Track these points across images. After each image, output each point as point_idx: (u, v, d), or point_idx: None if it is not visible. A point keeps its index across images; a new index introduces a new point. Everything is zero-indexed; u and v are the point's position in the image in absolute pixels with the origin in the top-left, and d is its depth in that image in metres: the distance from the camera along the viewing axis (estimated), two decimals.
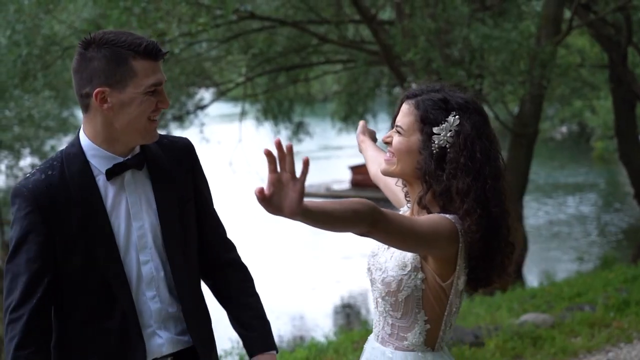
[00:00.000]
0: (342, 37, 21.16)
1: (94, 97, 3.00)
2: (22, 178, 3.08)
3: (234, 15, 16.59)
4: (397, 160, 3.02)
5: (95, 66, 2.99)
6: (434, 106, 3.00)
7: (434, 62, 15.80)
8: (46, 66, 16.77)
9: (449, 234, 2.87)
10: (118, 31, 3.06)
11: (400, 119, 3.04)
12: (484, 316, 10.25)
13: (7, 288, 2.95)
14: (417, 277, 2.95)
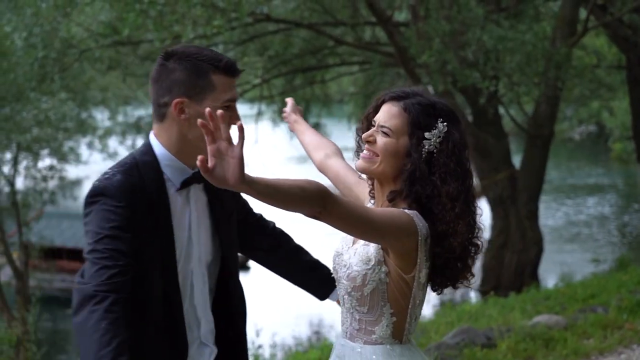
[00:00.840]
0: (359, 39, 21.20)
1: (173, 106, 3.09)
2: (102, 178, 3.11)
3: (250, 17, 16.65)
4: (381, 161, 3.08)
5: (177, 77, 3.09)
6: (424, 111, 3.08)
7: (449, 64, 15.81)
8: (63, 69, 16.90)
9: (407, 227, 2.95)
10: (200, 46, 3.20)
11: (387, 121, 3.09)
12: (496, 317, 10.27)
13: (92, 277, 2.93)
14: (381, 270, 3.03)
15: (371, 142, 3.10)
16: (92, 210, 3.03)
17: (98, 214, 3.01)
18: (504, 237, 20.22)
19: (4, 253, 22.00)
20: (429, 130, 3.07)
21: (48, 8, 16.08)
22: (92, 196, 3.06)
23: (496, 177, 19.62)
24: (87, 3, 16.53)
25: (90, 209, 3.04)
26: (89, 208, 3.05)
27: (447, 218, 3.03)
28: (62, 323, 26.94)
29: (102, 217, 3.00)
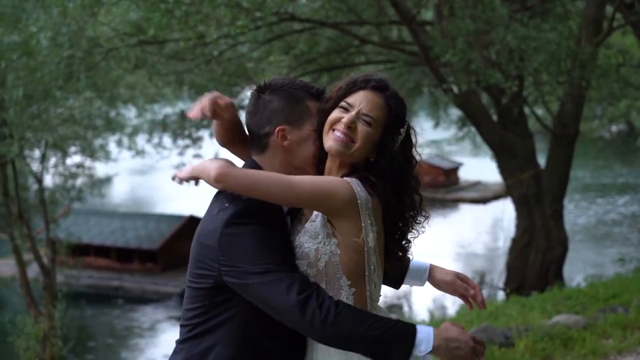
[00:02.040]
0: (385, 38, 21.24)
1: (276, 134, 3.23)
2: (239, 203, 3.14)
3: (274, 17, 16.74)
4: (358, 148, 3.16)
5: (275, 107, 3.24)
6: (402, 107, 3.24)
7: (473, 63, 15.82)
8: (89, 67, 17.06)
9: (342, 192, 3.07)
10: (289, 77, 3.38)
11: (371, 111, 3.17)
12: (515, 317, 10.29)
13: (288, 293, 3.03)
14: (331, 242, 3.11)
15: (352, 128, 3.16)
16: (244, 231, 3.10)
17: (256, 233, 3.10)
18: (528, 236, 20.19)
19: (31, 250, 22.20)
20: (402, 126, 3.22)
21: (75, 8, 16.25)
22: (241, 217, 3.12)
23: (521, 177, 19.60)
24: (114, 3, 16.68)
25: (243, 229, 3.10)
26: (243, 228, 3.11)
27: (404, 209, 3.23)
28: (89, 319, 27.19)
29: (262, 239, 3.10)
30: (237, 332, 3.15)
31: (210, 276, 3.12)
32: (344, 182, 3.10)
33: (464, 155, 51.51)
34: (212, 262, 3.11)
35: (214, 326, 3.17)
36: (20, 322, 20.27)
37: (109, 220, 32.65)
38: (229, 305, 3.14)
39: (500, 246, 29.50)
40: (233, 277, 3.07)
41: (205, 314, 3.18)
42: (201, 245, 3.16)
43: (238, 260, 3.06)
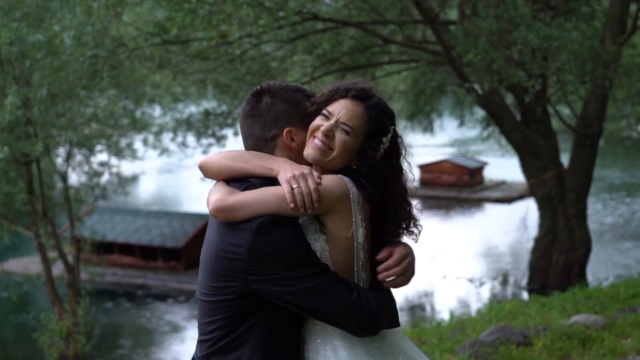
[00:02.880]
0: (409, 37, 21.23)
1: (284, 136, 3.27)
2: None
3: (297, 16, 16.79)
4: (336, 156, 3.20)
5: (279, 109, 3.28)
6: (383, 116, 3.24)
7: (496, 62, 15.80)
8: (113, 67, 17.20)
9: (338, 188, 3.12)
10: (280, 80, 3.41)
11: (349, 119, 3.21)
12: (534, 316, 10.28)
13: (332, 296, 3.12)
14: (321, 238, 3.15)
15: (329, 136, 3.20)
16: (277, 237, 3.12)
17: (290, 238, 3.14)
18: (551, 236, 20.15)
19: (55, 247, 22.36)
20: (385, 135, 3.23)
21: (99, 8, 16.38)
22: (269, 224, 3.13)
23: (544, 176, 19.56)
24: (138, 2, 16.79)
25: (272, 237, 3.12)
26: (270, 237, 3.13)
27: (397, 213, 3.26)
28: (113, 316, 27.36)
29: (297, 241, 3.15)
30: (262, 340, 3.15)
31: (235, 287, 3.10)
32: (338, 178, 3.14)
33: (491, 154, 51.37)
34: (237, 273, 3.09)
35: (238, 336, 3.16)
36: (45, 319, 20.46)
37: (133, 219, 32.82)
38: (252, 314, 3.14)
39: (524, 246, 29.44)
40: (271, 285, 3.07)
41: (227, 325, 3.17)
42: (221, 259, 3.14)
43: (276, 267, 3.06)
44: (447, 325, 11.06)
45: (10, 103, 16.77)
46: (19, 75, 18.47)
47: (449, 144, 60.54)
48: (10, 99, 16.89)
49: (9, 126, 17.91)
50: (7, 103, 16.81)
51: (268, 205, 3.07)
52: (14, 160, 19.41)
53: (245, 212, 3.08)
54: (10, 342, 25.78)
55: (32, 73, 18.69)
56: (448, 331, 10.21)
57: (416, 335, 10.23)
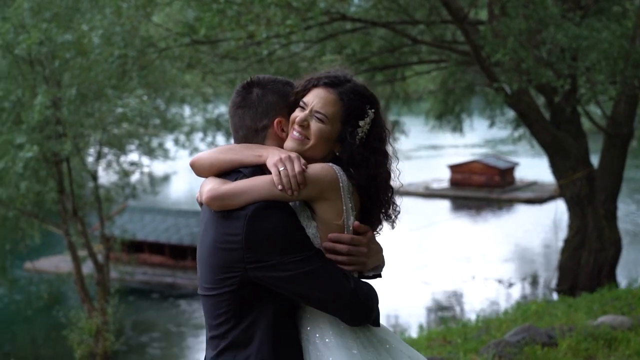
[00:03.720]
0: (439, 37, 21.19)
1: (275, 126, 3.33)
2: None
3: (325, 16, 16.81)
4: (312, 145, 3.24)
5: (270, 100, 3.34)
6: (358, 101, 3.26)
7: (525, 62, 15.73)
8: (143, 67, 17.31)
9: (328, 175, 3.16)
10: (268, 75, 3.48)
11: (322, 107, 3.24)
12: (560, 317, 10.23)
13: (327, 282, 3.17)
14: (312, 225, 3.19)
15: (304, 126, 3.24)
16: (271, 222, 3.16)
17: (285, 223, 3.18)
18: (581, 236, 20.04)
19: (85, 246, 22.52)
20: (362, 118, 3.25)
21: (129, 8, 16.50)
22: (263, 209, 3.17)
23: (574, 177, 19.45)
24: (167, 3, 16.90)
25: (266, 222, 3.16)
26: (265, 222, 3.16)
27: (380, 197, 3.29)
28: (142, 315, 27.53)
29: (294, 232, 3.19)
30: (269, 332, 3.17)
31: (235, 277, 3.13)
32: (327, 166, 3.18)
33: (523, 155, 51.16)
34: (236, 263, 3.11)
35: (244, 329, 3.19)
36: (74, 317, 20.64)
37: (163, 218, 32.98)
38: (255, 305, 3.17)
39: (554, 247, 29.29)
40: (269, 271, 3.09)
41: (232, 318, 3.20)
42: (219, 251, 3.17)
43: (273, 252, 3.09)
44: (472, 325, 11.04)
45: (40, 103, 16.94)
46: (48, 75, 18.65)
47: (480, 145, 60.36)
48: (39, 98, 17.07)
49: (39, 125, 18.09)
50: (37, 103, 16.98)
51: (260, 191, 3.11)
52: (44, 159, 19.59)
53: (239, 199, 3.11)
54: (41, 339, 26.02)
55: (62, 73, 18.86)
56: (473, 331, 10.19)
57: (441, 335, 10.22)
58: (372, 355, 3.20)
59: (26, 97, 18.22)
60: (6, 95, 17.92)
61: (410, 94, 29.11)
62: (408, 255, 31.56)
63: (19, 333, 26.75)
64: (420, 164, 54.19)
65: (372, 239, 3.31)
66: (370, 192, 3.27)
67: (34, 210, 21.87)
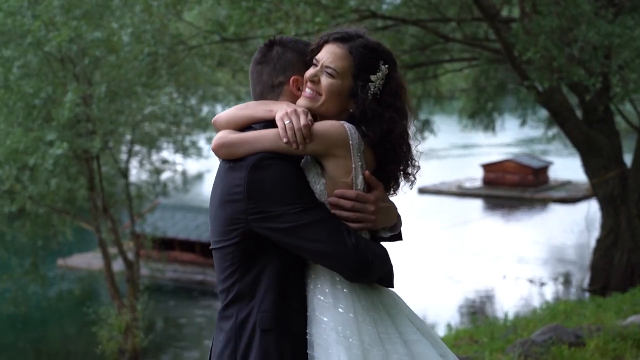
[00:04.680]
0: (472, 35, 21.07)
1: (291, 84, 3.34)
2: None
3: (355, 14, 16.77)
4: (325, 100, 3.22)
5: (288, 58, 3.35)
6: (368, 54, 3.21)
7: (556, 60, 15.60)
8: (173, 64, 17.36)
9: (336, 132, 3.14)
10: (288, 36, 3.50)
11: (332, 62, 3.22)
12: (588, 316, 10.15)
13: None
14: (320, 182, 3.16)
15: (315, 81, 3.22)
16: (272, 171, 3.18)
17: (286, 172, 3.20)
18: (613, 236, 19.86)
19: (115, 243, 22.64)
20: (374, 73, 3.20)
21: (160, 6, 16.55)
22: (265, 159, 3.19)
23: (606, 176, 19.28)
24: (197, 1, 16.94)
25: (267, 171, 3.18)
26: (266, 170, 3.18)
27: (396, 153, 3.24)
28: (173, 312, 27.65)
29: (293, 174, 3.21)
30: (273, 285, 3.16)
31: (239, 229, 3.14)
32: (337, 123, 3.15)
33: (557, 154, 50.84)
34: (240, 214, 3.13)
35: (250, 283, 3.18)
36: (104, 314, 20.74)
37: (194, 216, 33.07)
38: (259, 257, 3.17)
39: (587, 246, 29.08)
40: (270, 222, 3.10)
41: (237, 270, 3.20)
42: (225, 203, 3.18)
43: (274, 203, 3.10)
44: (499, 324, 10.98)
45: (70, 100, 17.05)
46: (79, 73, 18.77)
47: (513, 144, 60.02)
48: (69, 95, 17.18)
49: (69, 123, 18.20)
50: (67, 100, 17.10)
51: (265, 142, 3.12)
52: (74, 156, 19.72)
53: (243, 148, 3.14)
54: (72, 335, 26.21)
55: (93, 70, 18.98)
56: (501, 330, 10.13)
57: (469, 334, 10.18)
58: (371, 318, 3.16)
59: (56, 94, 18.34)
60: (37, 92, 18.03)
61: (442, 92, 28.99)
62: (440, 254, 31.47)
63: (50, 329, 26.98)
64: (453, 163, 54.01)
65: (382, 197, 3.24)
66: (386, 148, 3.22)
67: (66, 207, 22.02)
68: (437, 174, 48.67)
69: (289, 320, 3.17)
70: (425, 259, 30.70)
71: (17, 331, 26.00)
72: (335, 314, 3.12)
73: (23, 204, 20.29)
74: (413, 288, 26.92)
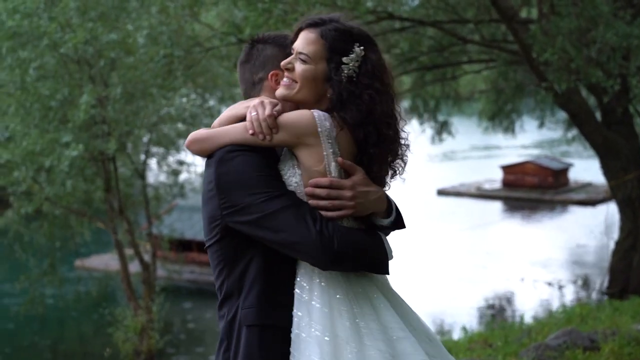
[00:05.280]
0: (491, 36, 20.99)
1: (269, 79, 3.34)
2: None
3: (372, 15, 16.73)
4: (300, 87, 3.19)
5: (268, 53, 3.36)
6: (341, 37, 3.17)
7: (574, 61, 15.51)
8: (189, 66, 17.37)
9: (305, 121, 3.10)
10: (273, 32, 3.50)
11: (304, 47, 3.19)
12: (604, 320, 10.06)
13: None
14: (297, 174, 3.13)
15: (290, 69, 3.20)
16: (237, 162, 3.20)
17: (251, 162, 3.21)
18: (632, 239, 19.73)
19: (131, 245, 22.68)
20: (346, 55, 3.15)
21: (176, 8, 16.57)
22: (231, 152, 3.21)
23: (625, 178, 19.15)
24: (214, 2, 16.95)
25: (232, 163, 3.19)
26: (231, 163, 3.19)
27: (380, 135, 3.15)
28: (189, 313, 27.67)
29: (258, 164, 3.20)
30: (259, 277, 3.13)
31: (218, 226, 3.14)
32: (306, 111, 3.12)
33: (578, 156, 50.62)
34: (216, 210, 3.14)
35: (237, 279, 3.15)
36: (120, 315, 20.78)
37: None
38: (242, 253, 3.15)
39: (606, 249, 28.92)
40: (239, 216, 3.09)
41: (225, 267, 3.18)
42: (207, 202, 3.19)
43: (240, 195, 3.09)
44: (515, 328, 10.91)
45: (85, 102, 17.11)
46: (94, 74, 18.83)
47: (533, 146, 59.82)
48: (85, 97, 17.24)
49: (85, 124, 18.27)
50: (82, 101, 17.16)
51: (232, 135, 3.12)
52: (91, 158, 19.79)
53: (213, 142, 3.15)
54: (88, 336, 26.29)
55: (110, 72, 19.04)
56: (516, 334, 10.05)
57: (483, 338, 10.10)
58: (350, 312, 3.08)
59: (73, 96, 18.41)
60: (53, 94, 18.12)
61: (461, 94, 28.90)
62: (458, 256, 31.37)
63: (67, 330, 27.08)
64: (472, 165, 53.89)
65: (361, 181, 3.15)
66: (367, 131, 3.15)
67: (83, 208, 22.09)
68: (457, 175, 48.55)
69: (271, 315, 3.14)
70: (444, 260, 30.62)
71: (35, 332, 26.11)
72: (309, 308, 3.07)
73: (40, 205, 20.39)
74: (431, 289, 26.86)
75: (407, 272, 28.61)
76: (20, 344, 25.28)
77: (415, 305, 11.77)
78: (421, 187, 43.39)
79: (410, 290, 26.48)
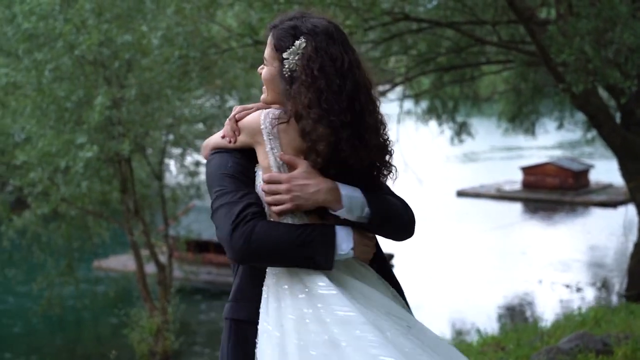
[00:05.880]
0: (510, 37, 20.89)
1: None
2: None
3: (387, 16, 16.68)
4: (266, 89, 3.24)
5: None
6: (285, 33, 3.16)
7: (592, 62, 15.40)
8: (205, 67, 17.38)
9: (250, 122, 3.18)
10: None
11: (265, 53, 3.25)
12: (618, 324, 9.96)
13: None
14: (258, 174, 3.19)
15: (261, 74, 3.27)
16: (210, 161, 3.35)
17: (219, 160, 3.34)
18: None
19: (147, 245, 22.73)
20: (284, 51, 3.15)
21: (192, 9, 16.58)
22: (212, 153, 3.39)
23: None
24: (230, 4, 16.94)
25: (209, 162, 3.34)
26: (208, 162, 3.35)
27: (307, 126, 3.09)
28: (206, 314, 27.70)
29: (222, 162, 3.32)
30: (244, 274, 3.25)
31: None
32: (257, 112, 3.18)
33: (600, 157, 50.38)
34: None
35: (235, 276, 3.32)
36: (135, 316, 20.83)
37: None
38: None
39: (626, 251, 28.75)
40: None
41: (232, 267, 3.35)
42: None
43: (210, 192, 3.21)
44: (528, 330, 10.83)
45: (100, 103, 17.18)
46: (109, 76, 18.89)
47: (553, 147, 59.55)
48: (99, 99, 17.30)
49: (100, 126, 18.32)
50: (97, 103, 17.23)
51: (214, 139, 3.30)
52: (107, 159, 19.84)
53: (207, 147, 3.33)
54: (105, 337, 26.37)
55: (126, 73, 19.07)
56: (528, 337, 9.97)
57: (496, 341, 10.03)
58: (293, 298, 3.07)
59: (88, 97, 18.48)
60: (68, 95, 18.20)
61: (480, 95, 28.80)
62: (478, 257, 31.27)
63: (84, 331, 27.17)
64: (492, 166, 53.72)
65: (300, 174, 3.09)
66: (313, 121, 3.07)
67: (100, 209, 22.18)
68: (476, 176, 48.39)
69: (241, 309, 3.23)
70: (463, 262, 30.53)
71: (52, 332, 26.21)
72: (267, 303, 3.11)
73: (56, 206, 20.46)
74: (450, 291, 26.78)
75: (426, 273, 28.56)
76: (38, 344, 25.39)
77: (434, 306, 11.75)
78: (441, 188, 43.31)
79: (430, 291, 26.42)
